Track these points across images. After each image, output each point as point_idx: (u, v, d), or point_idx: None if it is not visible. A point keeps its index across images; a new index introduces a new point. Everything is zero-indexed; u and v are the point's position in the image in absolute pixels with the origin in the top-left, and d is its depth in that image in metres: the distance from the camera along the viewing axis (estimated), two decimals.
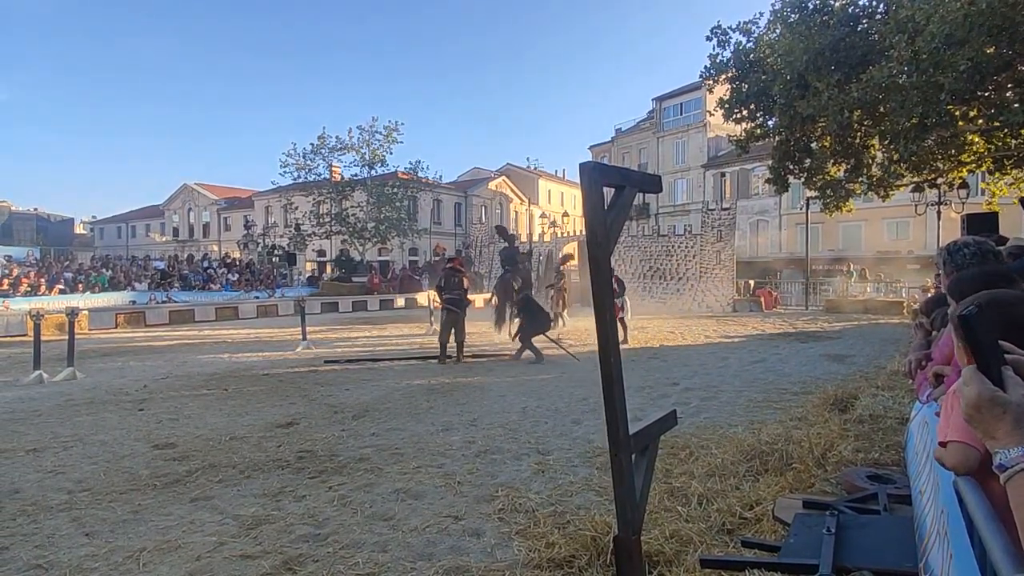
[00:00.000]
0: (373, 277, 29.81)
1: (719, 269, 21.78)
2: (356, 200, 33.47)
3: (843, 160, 15.31)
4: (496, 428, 5.40)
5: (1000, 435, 0.85)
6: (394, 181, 34.23)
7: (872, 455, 3.96)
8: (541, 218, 42.16)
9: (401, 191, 34.10)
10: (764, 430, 4.79)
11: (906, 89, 10.84)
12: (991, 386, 0.87)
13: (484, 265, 29.77)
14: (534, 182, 51.47)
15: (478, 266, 29.98)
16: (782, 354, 10.31)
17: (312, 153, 33.27)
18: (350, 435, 5.24)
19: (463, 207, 44.70)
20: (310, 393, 7.18)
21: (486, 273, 29.22)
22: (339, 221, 33.59)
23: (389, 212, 33.44)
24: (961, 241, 2.38)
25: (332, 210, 34.16)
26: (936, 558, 1.50)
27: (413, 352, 10.89)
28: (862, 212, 25.04)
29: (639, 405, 6.17)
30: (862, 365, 8.74)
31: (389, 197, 33.42)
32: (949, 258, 2.35)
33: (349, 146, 33.34)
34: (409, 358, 10.05)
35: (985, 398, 0.87)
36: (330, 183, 33.78)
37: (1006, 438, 0.84)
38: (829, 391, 6.21)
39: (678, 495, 3.52)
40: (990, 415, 0.86)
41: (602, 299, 2.12)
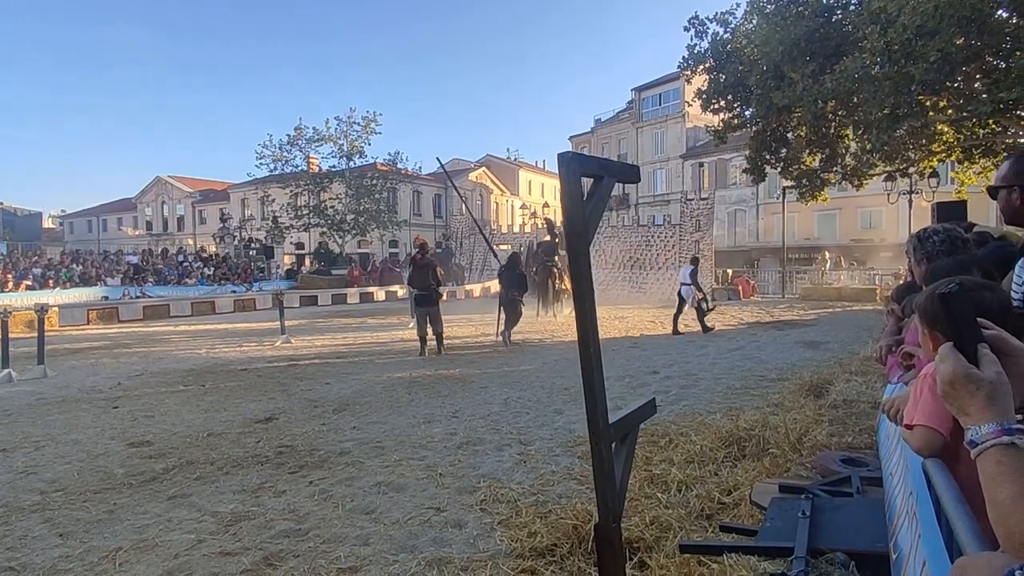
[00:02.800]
0: (353, 270, 29.56)
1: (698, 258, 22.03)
2: (335, 192, 33.06)
3: (818, 150, 15.54)
4: (478, 420, 5.40)
5: (972, 411, 0.87)
6: (373, 172, 33.88)
7: (846, 439, 4.05)
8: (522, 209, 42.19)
9: (380, 182, 33.78)
10: (742, 416, 4.86)
11: (878, 80, 11.02)
12: (966, 363, 0.89)
13: (465, 257, 29.68)
14: (515, 173, 51.35)
15: (459, 257, 29.89)
16: (759, 341, 10.47)
17: (289, 144, 32.78)
18: (330, 429, 5.20)
19: (443, 199, 44.43)
20: (289, 387, 7.11)
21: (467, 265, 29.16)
22: (317, 213, 33.18)
23: (368, 204, 33.11)
24: (931, 229, 2.44)
25: (310, 202, 33.72)
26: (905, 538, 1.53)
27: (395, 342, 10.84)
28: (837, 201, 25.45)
29: (619, 394, 6.23)
30: (836, 351, 8.92)
31: (368, 189, 33.08)
32: (919, 245, 2.40)
33: (327, 137, 32.91)
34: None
35: (960, 375, 0.88)
36: (308, 175, 33.31)
37: (978, 415, 0.86)
38: (805, 377, 6.33)
39: (658, 482, 3.56)
40: (964, 392, 0.88)
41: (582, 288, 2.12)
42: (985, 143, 13.66)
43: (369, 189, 33.10)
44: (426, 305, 9.54)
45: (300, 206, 33.57)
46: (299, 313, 18.99)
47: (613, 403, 4.93)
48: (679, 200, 24.90)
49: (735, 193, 36.60)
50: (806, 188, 16.16)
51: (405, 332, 12.45)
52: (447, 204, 43.95)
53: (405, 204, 38.31)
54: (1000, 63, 10.47)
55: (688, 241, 22.25)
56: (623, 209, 41.11)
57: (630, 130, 42.85)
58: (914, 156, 14.87)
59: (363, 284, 27.36)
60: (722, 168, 37.21)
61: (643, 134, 42.08)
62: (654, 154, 41.44)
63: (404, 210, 37.59)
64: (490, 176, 48.17)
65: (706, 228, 22.10)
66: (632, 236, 23.94)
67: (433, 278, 9.56)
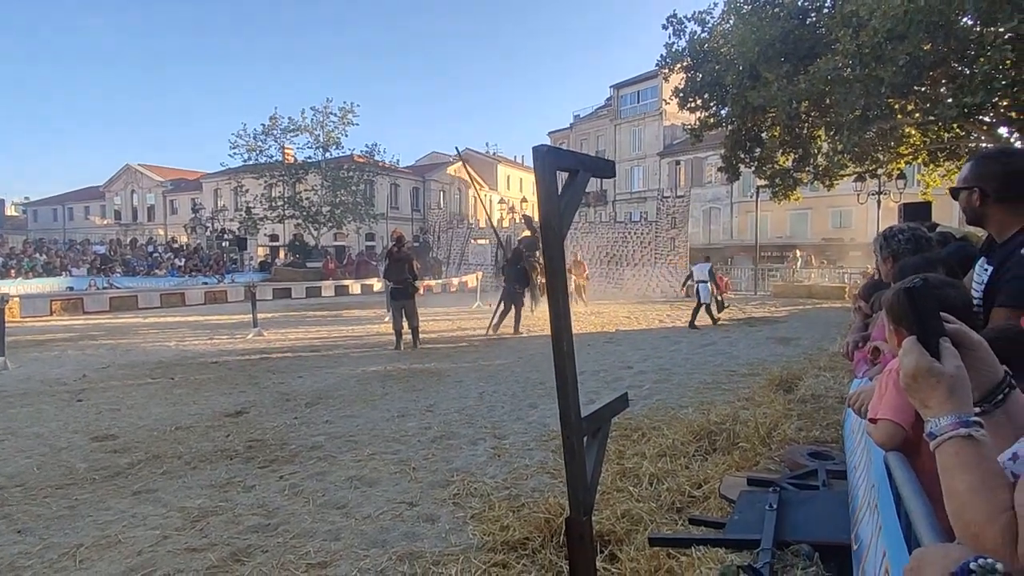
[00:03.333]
0: (328, 263, 29.19)
1: (673, 255, 22.25)
2: (310, 183, 32.55)
3: (791, 150, 15.79)
4: (453, 414, 5.39)
5: (933, 404, 0.88)
6: (350, 164, 33.43)
7: (814, 433, 4.14)
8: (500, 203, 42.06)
9: (357, 174, 33.33)
10: (713, 411, 4.93)
11: (850, 82, 11.23)
12: (928, 357, 0.90)
13: (443, 251, 29.51)
14: (493, 167, 51.17)
15: (436, 251, 29.71)
16: (732, 337, 10.63)
17: (264, 134, 32.06)
18: (302, 423, 5.14)
19: (421, 192, 44.12)
20: (261, 381, 7.00)
21: (444, 259, 29.01)
22: (292, 205, 32.63)
23: (344, 196, 32.68)
24: (896, 228, 2.49)
25: (285, 193, 33.14)
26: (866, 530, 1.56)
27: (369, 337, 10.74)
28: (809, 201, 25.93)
29: (594, 388, 6.27)
30: (806, 347, 9.10)
31: (344, 181, 32.64)
32: (885, 243, 2.45)
33: (302, 127, 32.31)
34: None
35: (922, 368, 0.90)
36: (283, 165, 32.71)
37: (938, 407, 0.87)
38: (775, 373, 6.44)
39: (630, 476, 3.59)
40: (926, 385, 0.89)
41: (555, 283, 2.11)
42: (950, 147, 14.04)
43: (345, 181, 32.66)
44: (402, 299, 9.47)
45: (275, 197, 32.96)
46: (272, 306, 18.69)
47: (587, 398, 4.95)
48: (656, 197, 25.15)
49: (710, 191, 37.07)
50: (779, 187, 16.42)
51: (381, 326, 12.35)
52: (425, 197, 43.65)
53: (382, 197, 37.91)
54: (965, 69, 10.75)
55: (664, 238, 22.45)
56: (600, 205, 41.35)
57: (608, 127, 43.04)
58: (883, 158, 15.20)
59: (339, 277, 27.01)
60: (698, 166, 37.65)
61: (621, 131, 42.31)
62: (632, 151, 41.71)
63: (381, 203, 37.21)
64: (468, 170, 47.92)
65: (681, 225, 22.33)
66: (609, 232, 24.07)
67: (409, 272, 9.48)
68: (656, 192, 26.78)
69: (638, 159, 41.35)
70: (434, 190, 44.43)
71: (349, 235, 35.99)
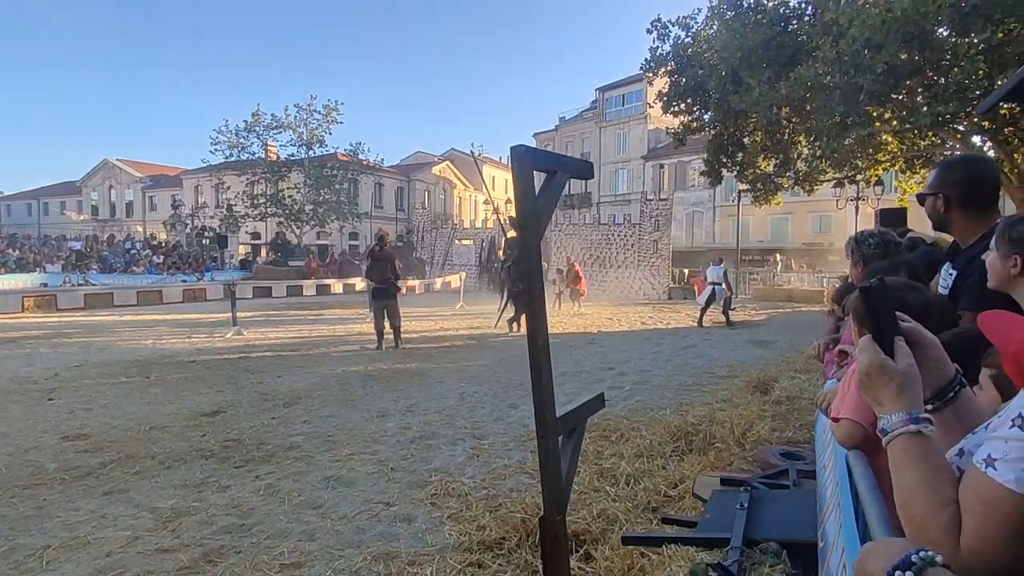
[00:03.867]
0: (310, 261, 28.93)
1: (656, 258, 22.44)
2: (293, 181, 32.26)
3: (772, 155, 16.01)
4: (432, 414, 5.38)
5: (885, 401, 0.91)
6: (333, 163, 33.20)
7: (787, 434, 4.22)
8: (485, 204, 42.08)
9: (341, 173, 33.10)
10: (691, 412, 4.99)
11: (829, 89, 11.42)
12: (882, 355, 0.93)
13: (427, 251, 29.42)
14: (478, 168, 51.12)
15: (420, 251, 29.61)
16: (712, 340, 10.76)
17: (246, 131, 31.72)
18: (280, 423, 5.09)
19: (406, 191, 43.91)
20: (239, 380, 6.93)
21: (428, 259, 28.92)
22: (274, 203, 32.30)
23: (328, 195, 32.44)
24: (867, 232, 2.55)
25: (267, 191, 32.80)
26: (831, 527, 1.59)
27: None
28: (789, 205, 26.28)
29: (575, 390, 6.30)
30: (784, 350, 9.24)
31: (328, 179, 32.39)
32: (856, 247, 2.51)
33: (286, 124, 32.03)
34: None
35: (875, 366, 0.92)
36: (265, 163, 32.38)
37: (890, 404, 0.90)
38: (752, 375, 6.54)
39: (607, 476, 3.62)
40: (879, 382, 0.92)
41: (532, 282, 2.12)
42: (925, 154, 14.35)
43: (329, 179, 32.41)
44: (384, 299, 9.44)
45: (256, 195, 32.61)
46: (252, 305, 18.46)
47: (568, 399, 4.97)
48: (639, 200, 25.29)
49: (693, 195, 37.40)
50: (760, 192, 16.64)
51: (362, 326, 12.28)
52: (409, 197, 43.46)
53: (366, 196, 37.63)
54: (940, 78, 11.00)
55: (647, 241, 22.64)
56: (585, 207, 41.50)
57: (594, 129, 43.23)
58: (861, 164, 15.47)
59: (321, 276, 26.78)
60: (681, 170, 37.99)
61: (606, 134, 42.52)
62: (616, 154, 41.94)
63: (365, 202, 36.94)
64: (453, 170, 47.87)
65: (664, 228, 22.53)
66: (593, 234, 24.20)
67: (391, 271, 9.46)
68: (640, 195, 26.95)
69: (623, 162, 41.59)
70: (419, 190, 44.26)
71: (332, 234, 35.70)
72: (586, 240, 24.13)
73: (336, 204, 32.78)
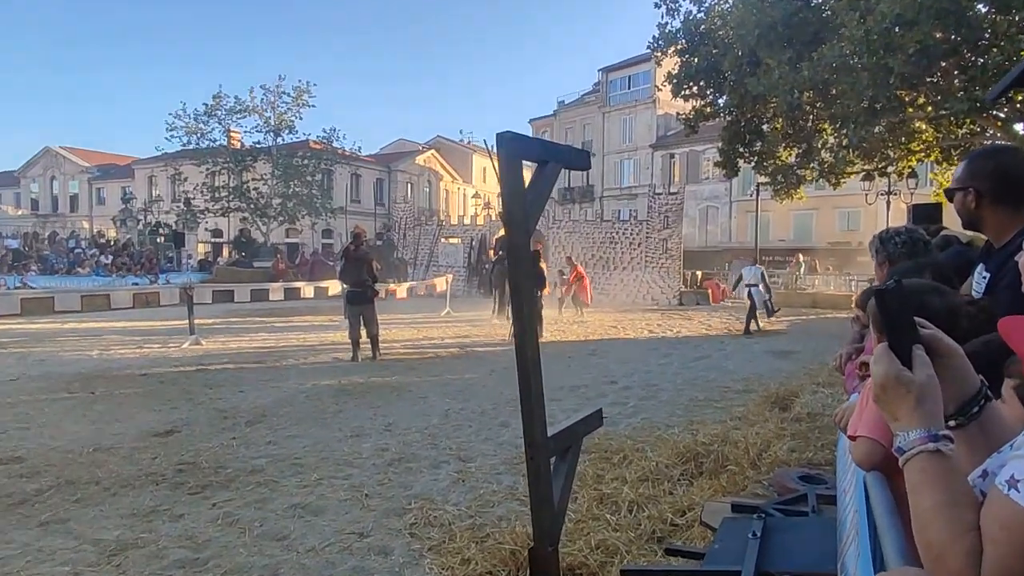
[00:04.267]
0: (278, 262, 28.81)
1: (665, 258, 22.49)
2: (259, 172, 32.17)
3: (794, 144, 16.13)
4: (414, 433, 5.39)
5: (902, 416, 0.90)
6: (304, 151, 33.16)
7: (807, 455, 4.24)
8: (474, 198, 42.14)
9: (313, 163, 33.07)
10: (702, 431, 5.01)
11: (857, 71, 11.54)
12: (899, 364, 0.92)
13: (409, 251, 29.38)
14: (468, 158, 51.20)
15: (401, 251, 29.58)
16: (727, 350, 10.81)
17: (206, 115, 31.64)
18: (242, 444, 5.09)
19: (386, 183, 43.89)
20: (196, 396, 6.91)
21: (411, 259, 28.89)
22: (238, 196, 32.21)
23: (298, 187, 32.39)
24: (893, 230, 2.57)
25: (230, 183, 32.71)
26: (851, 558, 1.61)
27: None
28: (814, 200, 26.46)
29: (573, 406, 6.31)
30: (806, 361, 9.29)
31: (298, 169, 32.34)
32: (881, 247, 2.52)
33: (251, 108, 31.98)
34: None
35: (891, 377, 0.91)
36: (228, 151, 32.30)
37: (906, 419, 0.89)
38: (771, 389, 6.59)
39: (608, 502, 3.63)
40: (895, 395, 0.91)
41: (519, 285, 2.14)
42: (964, 144, 14.48)
43: (299, 170, 32.36)
44: (359, 304, 9.44)
45: (218, 187, 32.49)
46: (213, 310, 18.38)
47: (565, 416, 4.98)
48: (647, 194, 25.33)
49: (707, 188, 37.61)
50: (781, 185, 16.75)
51: (336, 334, 12.26)
52: (390, 190, 43.45)
53: (341, 188, 37.56)
54: (978, 59, 11.14)
55: (655, 239, 22.69)
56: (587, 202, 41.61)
57: (596, 115, 43.40)
58: (893, 155, 15.61)
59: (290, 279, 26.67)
60: (694, 160, 38.18)
61: (610, 120, 42.70)
62: (622, 142, 42.12)
63: (340, 195, 36.86)
64: (439, 160, 47.92)
65: (675, 225, 22.60)
66: (595, 232, 24.23)
67: (368, 273, 9.46)
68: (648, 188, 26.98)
69: (628, 151, 41.77)
70: (400, 182, 44.24)
71: (303, 231, 35.60)
72: (588, 238, 24.16)
73: (307, 197, 32.72)
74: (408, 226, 30.33)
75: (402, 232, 30.58)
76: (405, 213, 31.26)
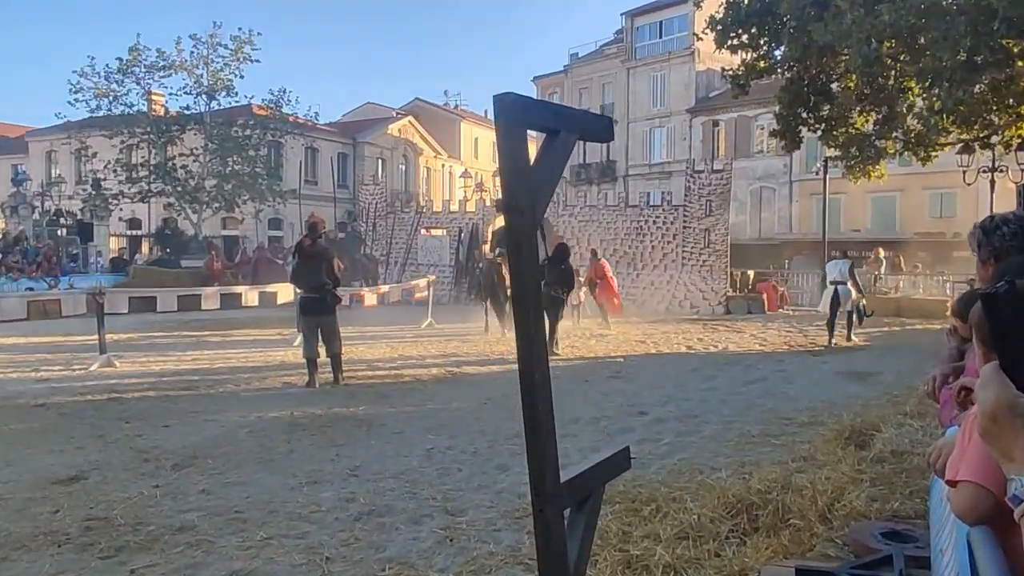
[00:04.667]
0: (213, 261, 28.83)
1: (708, 254, 22.51)
2: (188, 145, 32.26)
3: (872, 108, 16.16)
4: (387, 479, 5.40)
5: (1018, 455, 0.89)
6: (247, 119, 33.24)
7: (891, 505, 4.24)
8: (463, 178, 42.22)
9: (257, 134, 33.16)
10: (757, 475, 5.01)
11: (951, 15, 11.56)
12: (1014, 390, 0.91)
13: (380, 246, 29.41)
14: (454, 126, 51.43)
15: (371, 246, 29.61)
16: (788, 371, 10.82)
17: (120, 73, 31.72)
18: (167, 494, 5.09)
19: (350, 160, 44.01)
20: (109, 432, 6.93)
21: (383, 257, 28.90)
22: (161, 176, 32.29)
23: (238, 164, 32.45)
24: (1000, 217, 2.55)
25: (151, 159, 32.78)
26: None
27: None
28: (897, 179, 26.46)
29: (592, 443, 6.33)
30: (890, 386, 9.31)
31: (238, 142, 32.42)
32: (985, 239, 2.51)
33: (178, 65, 32.09)
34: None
35: (1004, 404, 0.90)
36: (148, 118, 32.38)
37: (1023, 458, 0.89)
38: (845, 421, 6.59)
39: (637, 566, 3.63)
40: (1009, 427, 0.90)
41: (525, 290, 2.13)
42: None
43: (240, 142, 32.43)
44: (317, 313, 9.47)
45: (136, 164, 32.58)
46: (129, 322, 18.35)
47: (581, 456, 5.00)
48: (685, 172, 25.37)
49: (760, 164, 37.71)
50: (856, 160, 16.75)
51: (287, 352, 12.28)
52: (356, 168, 43.53)
53: (293, 166, 37.61)
54: None
55: (695, 229, 22.70)
56: (607, 182, 41.70)
57: (619, 71, 43.55)
58: (998, 120, 15.62)
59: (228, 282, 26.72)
60: (744, 129, 38.27)
61: (637, 77, 42.84)
62: (652, 106, 42.25)
63: (292, 175, 36.92)
64: (418, 129, 48.05)
65: (720, 212, 22.62)
66: (618, 221, 24.25)
67: (328, 275, 9.46)
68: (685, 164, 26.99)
69: (660, 117, 41.89)
70: (369, 157, 44.35)
71: (244, 221, 35.62)
72: (608, 229, 24.19)
73: (250, 178, 32.77)
74: (379, 214, 30.39)
75: (371, 222, 30.63)
76: (375, 197, 31.32)
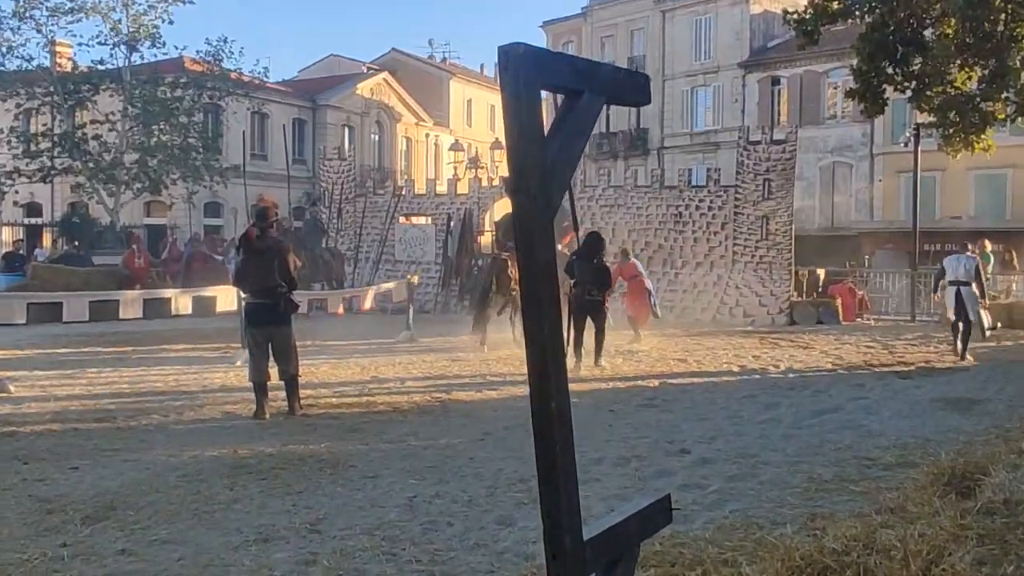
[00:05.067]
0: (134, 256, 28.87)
1: (766, 248, 22.46)
2: (103, 109, 32.35)
3: (977, 61, 16.14)
4: (358, 536, 5.39)
5: None
6: (177, 76, 33.32)
7: (1003, 569, 4.22)
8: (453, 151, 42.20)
9: (190, 95, 33.25)
10: (831, 531, 4.99)
11: None
12: None
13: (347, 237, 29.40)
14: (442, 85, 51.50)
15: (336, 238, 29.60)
16: (870, 398, 10.79)
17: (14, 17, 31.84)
18: (77, 555, 5.08)
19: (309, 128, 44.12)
20: (1, 477, 6.92)
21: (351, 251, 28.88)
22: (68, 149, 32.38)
23: (166, 134, 32.53)
24: None
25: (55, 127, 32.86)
26: None
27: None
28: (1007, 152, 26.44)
29: (619, 489, 6.32)
30: (1000, 417, 9.29)
31: (166, 106, 32.51)
32: None
33: (89, 7, 32.18)
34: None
35: None
36: (51, 75, 32.49)
37: None
38: (943, 462, 6.55)
39: None
40: None
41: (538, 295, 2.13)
42: None
43: (168, 106, 32.52)
44: (267, 324, 9.52)
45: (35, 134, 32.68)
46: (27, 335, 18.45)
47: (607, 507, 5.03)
48: (736, 143, 25.36)
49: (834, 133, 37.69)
50: (955, 128, 16.75)
51: (230, 373, 12.27)
52: (316, 138, 43.59)
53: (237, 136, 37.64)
54: None
55: (750, 216, 22.62)
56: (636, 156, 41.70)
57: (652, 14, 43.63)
58: None
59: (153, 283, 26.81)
60: (812, 88, 38.25)
61: (675, 22, 42.90)
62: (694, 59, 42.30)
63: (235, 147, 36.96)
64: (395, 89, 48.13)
65: (781, 195, 22.53)
66: (651, 205, 24.16)
67: (282, 275, 9.46)
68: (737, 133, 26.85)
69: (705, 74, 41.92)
70: (333, 124, 44.47)
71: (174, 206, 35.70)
72: (638, 216, 24.13)
73: (181, 151, 32.82)
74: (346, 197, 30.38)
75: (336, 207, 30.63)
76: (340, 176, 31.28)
